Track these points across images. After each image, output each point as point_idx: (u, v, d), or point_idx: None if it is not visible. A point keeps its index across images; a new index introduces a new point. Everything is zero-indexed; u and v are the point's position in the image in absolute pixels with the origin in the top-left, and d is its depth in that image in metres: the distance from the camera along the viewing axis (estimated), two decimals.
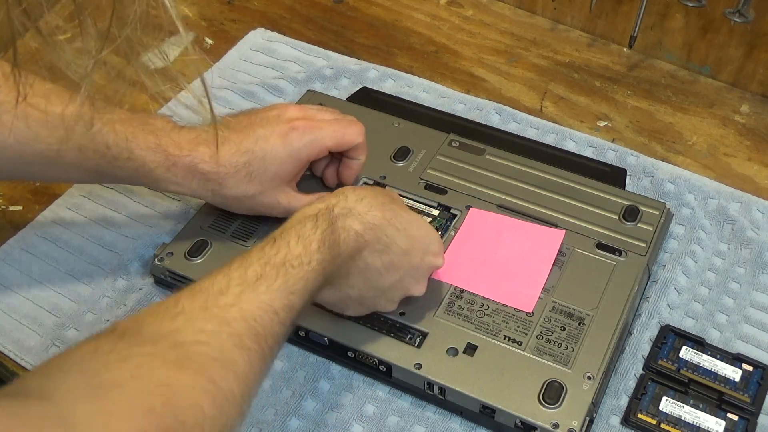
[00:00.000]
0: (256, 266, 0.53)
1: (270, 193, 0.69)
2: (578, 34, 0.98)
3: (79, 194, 0.80)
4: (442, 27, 1.00)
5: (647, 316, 0.69)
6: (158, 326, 0.48)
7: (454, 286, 0.68)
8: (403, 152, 0.78)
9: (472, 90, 0.91)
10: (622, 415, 0.64)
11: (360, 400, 0.65)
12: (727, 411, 0.63)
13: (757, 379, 0.65)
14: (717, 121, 0.88)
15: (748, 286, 0.72)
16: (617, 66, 0.95)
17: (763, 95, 0.90)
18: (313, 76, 0.91)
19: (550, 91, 0.92)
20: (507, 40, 0.98)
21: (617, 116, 0.89)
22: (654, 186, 0.79)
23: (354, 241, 0.58)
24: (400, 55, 0.96)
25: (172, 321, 0.48)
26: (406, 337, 0.64)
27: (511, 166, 0.77)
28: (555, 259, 0.69)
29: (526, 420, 0.60)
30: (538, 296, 0.67)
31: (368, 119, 0.82)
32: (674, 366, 0.65)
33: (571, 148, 0.83)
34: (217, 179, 0.67)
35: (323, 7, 1.03)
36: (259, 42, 0.96)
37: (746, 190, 0.80)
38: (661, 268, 0.73)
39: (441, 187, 0.75)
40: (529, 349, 0.63)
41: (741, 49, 0.89)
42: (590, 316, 0.65)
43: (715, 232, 0.76)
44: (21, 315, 0.70)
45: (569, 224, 0.72)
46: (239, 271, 0.52)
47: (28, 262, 0.74)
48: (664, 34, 0.93)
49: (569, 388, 0.61)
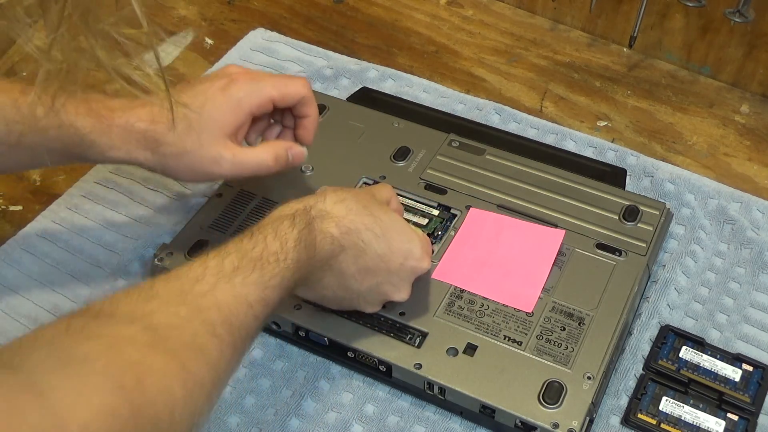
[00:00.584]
0: (233, 258, 0.52)
1: (212, 147, 0.64)
2: (578, 34, 0.98)
3: (79, 194, 0.80)
4: (442, 27, 1.00)
5: (647, 316, 0.69)
6: (132, 308, 0.47)
7: (454, 286, 0.68)
8: (403, 152, 0.78)
9: (472, 90, 0.91)
10: (622, 415, 0.64)
11: (360, 400, 0.65)
12: (727, 411, 0.63)
13: (757, 379, 0.65)
14: (717, 121, 0.88)
15: (748, 286, 0.72)
16: (617, 66, 0.95)
17: (763, 95, 0.90)
18: (313, 76, 0.91)
19: (550, 91, 0.92)
20: (507, 40, 0.98)
21: (617, 116, 0.89)
22: (654, 186, 0.79)
23: (329, 244, 0.58)
24: (400, 55, 0.96)
25: (146, 303, 0.48)
26: (406, 337, 0.64)
27: (511, 166, 0.77)
28: (555, 259, 0.69)
29: (526, 420, 0.60)
30: (538, 296, 0.67)
31: (368, 119, 0.82)
32: (674, 366, 0.65)
33: (571, 148, 0.83)
34: (154, 136, 0.63)
35: (323, 7, 1.03)
36: (259, 42, 0.96)
37: (746, 190, 0.80)
38: (661, 268, 0.73)
39: (441, 187, 0.75)
40: (529, 349, 0.63)
41: (741, 49, 0.89)
42: (590, 316, 0.65)
43: (715, 232, 0.76)
44: (21, 315, 0.70)
45: (569, 224, 0.72)
46: (216, 260, 0.52)
47: (28, 262, 0.74)
48: (664, 34, 0.93)
49: (569, 388, 0.61)
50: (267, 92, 0.66)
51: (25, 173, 0.82)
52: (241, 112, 0.65)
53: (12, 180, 0.82)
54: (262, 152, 0.66)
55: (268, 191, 0.75)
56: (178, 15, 1.02)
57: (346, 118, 0.82)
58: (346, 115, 0.83)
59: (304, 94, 0.68)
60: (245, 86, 0.66)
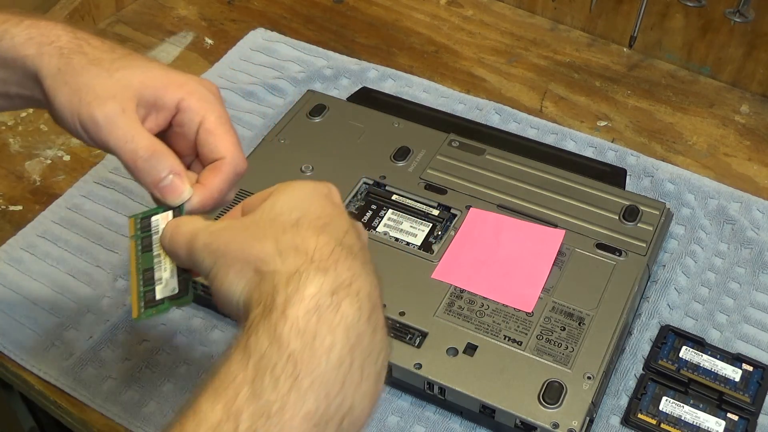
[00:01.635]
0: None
1: (102, 95, 0.50)
2: (578, 34, 0.98)
3: (79, 194, 0.80)
4: (442, 27, 1.00)
5: (647, 316, 0.69)
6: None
7: (454, 286, 0.68)
8: (403, 152, 0.78)
9: (472, 90, 0.92)
10: (622, 415, 0.64)
11: None
12: (727, 411, 0.63)
13: (757, 379, 0.65)
14: (717, 121, 0.88)
15: (748, 286, 0.72)
16: (617, 66, 0.95)
17: (763, 95, 0.90)
18: (313, 76, 0.91)
19: (550, 91, 0.92)
20: (507, 40, 0.98)
21: (617, 116, 0.89)
22: (654, 186, 0.79)
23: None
24: (400, 55, 0.96)
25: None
26: (406, 337, 0.64)
27: (511, 166, 0.77)
28: (555, 259, 0.69)
29: (526, 420, 0.60)
30: (538, 296, 0.67)
31: (368, 119, 0.82)
32: (674, 366, 0.65)
33: (571, 148, 0.83)
34: (69, 51, 0.51)
35: (323, 7, 1.03)
36: (259, 42, 0.96)
37: (746, 190, 0.80)
38: (661, 268, 0.73)
39: (441, 187, 0.75)
40: (529, 349, 0.63)
41: (741, 49, 0.89)
42: (590, 316, 0.65)
43: (715, 232, 0.76)
44: (21, 315, 0.70)
45: (569, 224, 0.72)
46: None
47: (28, 262, 0.74)
48: (664, 34, 0.93)
49: (569, 388, 0.61)
50: (157, 77, 0.52)
51: (25, 173, 0.82)
52: (130, 88, 0.51)
53: (12, 180, 0.82)
54: (144, 139, 0.50)
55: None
56: (178, 15, 1.02)
57: (346, 118, 0.82)
58: (346, 115, 0.83)
59: (181, 98, 0.51)
60: (145, 69, 0.52)
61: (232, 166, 0.52)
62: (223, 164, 0.51)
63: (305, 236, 0.42)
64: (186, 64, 0.95)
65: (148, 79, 0.51)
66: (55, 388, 0.66)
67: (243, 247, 0.43)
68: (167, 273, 0.49)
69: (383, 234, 0.72)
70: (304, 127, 0.81)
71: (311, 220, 0.43)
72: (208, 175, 0.51)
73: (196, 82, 0.53)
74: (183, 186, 0.50)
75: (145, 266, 0.50)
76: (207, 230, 0.45)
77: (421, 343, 0.64)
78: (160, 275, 0.49)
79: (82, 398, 0.66)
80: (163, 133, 0.53)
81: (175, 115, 0.52)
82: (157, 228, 0.51)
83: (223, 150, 0.51)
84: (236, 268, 0.42)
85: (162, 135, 0.52)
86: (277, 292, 0.39)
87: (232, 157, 0.51)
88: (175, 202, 0.50)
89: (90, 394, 0.65)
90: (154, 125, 0.52)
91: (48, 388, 0.67)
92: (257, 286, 0.41)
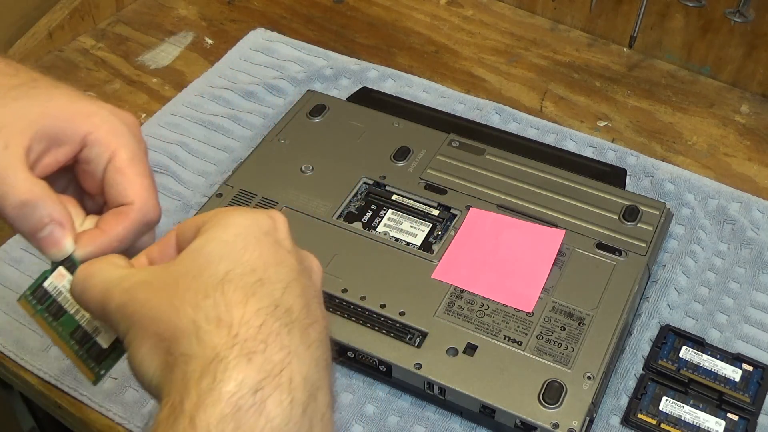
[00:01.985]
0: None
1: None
2: (578, 34, 0.98)
3: None
4: (442, 27, 1.00)
5: (647, 316, 0.69)
6: None
7: (454, 286, 0.68)
8: (403, 152, 0.78)
9: (472, 90, 0.92)
10: (622, 415, 0.64)
11: (360, 400, 0.65)
12: (727, 411, 0.63)
13: (757, 379, 0.65)
14: (717, 121, 0.88)
15: (748, 286, 0.72)
16: (617, 66, 0.95)
17: (763, 95, 0.90)
18: (313, 76, 0.91)
19: (550, 91, 0.92)
20: (507, 40, 0.98)
21: (617, 116, 0.89)
22: (654, 186, 0.79)
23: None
24: (400, 55, 0.96)
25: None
26: (406, 337, 0.64)
27: (511, 166, 0.77)
28: (555, 259, 0.69)
29: (526, 420, 0.60)
30: (538, 296, 0.67)
31: (368, 119, 0.82)
32: (674, 366, 0.65)
33: (571, 148, 0.83)
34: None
35: (323, 7, 1.03)
36: (259, 42, 0.96)
37: (746, 190, 0.80)
38: (661, 268, 0.73)
39: (441, 187, 0.75)
40: (529, 349, 0.63)
41: (741, 49, 0.89)
42: (590, 316, 0.65)
43: (715, 232, 0.76)
44: (21, 315, 0.70)
45: (569, 224, 0.72)
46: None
47: (28, 262, 0.74)
48: (664, 34, 0.93)
49: (569, 388, 0.61)
50: (59, 107, 0.45)
51: None
52: (25, 119, 0.44)
53: None
54: (21, 182, 0.43)
55: (267, 191, 0.74)
56: (178, 15, 1.02)
57: (346, 118, 0.82)
58: (346, 115, 0.83)
59: (88, 131, 0.45)
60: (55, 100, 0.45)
61: (141, 214, 0.45)
62: (130, 210, 0.45)
63: (231, 303, 0.35)
64: (186, 64, 0.95)
65: (50, 108, 0.45)
66: (55, 388, 0.66)
67: (158, 316, 0.36)
68: (99, 320, 0.43)
69: (383, 234, 0.72)
70: (304, 127, 0.81)
71: (242, 275, 0.36)
72: (110, 220, 0.44)
73: (108, 111, 0.46)
74: (64, 238, 0.44)
75: (70, 329, 0.44)
76: (121, 286, 0.39)
77: (421, 343, 0.64)
78: (93, 325, 0.44)
79: (82, 398, 0.66)
80: (69, 171, 0.47)
81: (81, 150, 0.45)
82: (56, 289, 0.45)
83: (132, 194, 0.45)
84: (150, 343, 0.36)
85: (69, 173, 0.47)
86: (187, 392, 0.33)
87: (142, 204, 0.45)
88: (56, 257, 0.44)
89: (90, 394, 0.65)
90: (53, 161, 0.45)
91: (48, 388, 0.67)
92: (169, 374, 0.35)
